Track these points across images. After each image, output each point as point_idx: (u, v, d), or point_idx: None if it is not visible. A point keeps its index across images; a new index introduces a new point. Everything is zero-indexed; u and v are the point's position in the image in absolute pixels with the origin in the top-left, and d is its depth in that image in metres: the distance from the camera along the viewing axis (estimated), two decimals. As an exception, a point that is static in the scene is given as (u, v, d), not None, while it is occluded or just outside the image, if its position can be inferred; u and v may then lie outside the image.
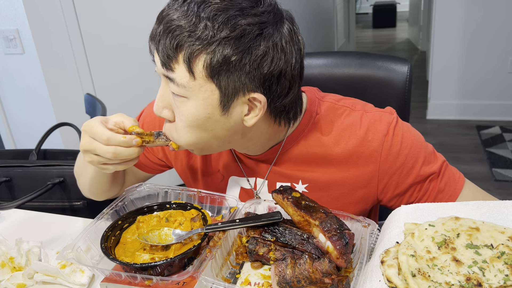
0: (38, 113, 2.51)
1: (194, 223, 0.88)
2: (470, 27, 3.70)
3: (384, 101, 1.01)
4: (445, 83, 3.96)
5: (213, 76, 0.74)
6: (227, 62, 0.73)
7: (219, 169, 1.03)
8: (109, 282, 0.78)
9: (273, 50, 0.75)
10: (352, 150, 0.90)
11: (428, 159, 0.91)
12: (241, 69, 0.74)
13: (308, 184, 0.95)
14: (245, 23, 0.72)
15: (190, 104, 0.78)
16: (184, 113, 0.79)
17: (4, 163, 1.47)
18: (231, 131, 0.82)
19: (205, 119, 0.79)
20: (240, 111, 0.80)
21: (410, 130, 0.92)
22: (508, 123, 3.80)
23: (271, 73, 0.76)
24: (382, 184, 0.91)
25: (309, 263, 0.74)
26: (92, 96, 2.05)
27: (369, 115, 0.92)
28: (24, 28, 2.28)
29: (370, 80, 1.26)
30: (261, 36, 0.73)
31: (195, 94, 0.76)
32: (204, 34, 0.71)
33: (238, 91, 0.76)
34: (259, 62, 0.74)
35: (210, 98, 0.76)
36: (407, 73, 1.22)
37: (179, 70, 0.75)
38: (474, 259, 0.65)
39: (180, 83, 0.75)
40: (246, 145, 0.91)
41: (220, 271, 0.80)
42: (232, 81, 0.75)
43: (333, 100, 0.95)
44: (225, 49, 0.72)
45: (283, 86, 0.79)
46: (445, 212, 0.77)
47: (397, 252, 0.68)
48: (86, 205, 1.46)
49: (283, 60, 0.76)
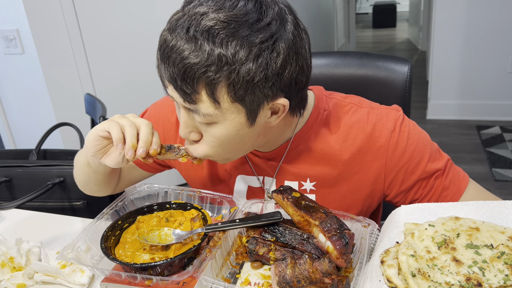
0: (38, 113, 2.51)
1: (194, 223, 0.88)
2: (470, 27, 3.70)
3: (385, 101, 1.01)
4: (445, 83, 3.96)
5: (238, 99, 0.74)
6: (249, 82, 0.72)
7: (225, 169, 1.03)
8: (109, 282, 0.78)
9: (289, 57, 0.74)
10: (359, 147, 0.91)
11: (433, 156, 0.91)
12: (263, 85, 0.73)
13: (316, 182, 0.95)
14: (258, 41, 0.70)
15: (220, 127, 0.78)
16: (214, 135, 0.80)
17: (4, 163, 1.47)
18: (257, 135, 0.84)
19: (235, 135, 0.80)
20: (264, 116, 0.81)
21: (416, 127, 0.93)
22: (508, 123, 3.80)
23: (290, 77, 0.76)
24: (388, 179, 0.92)
25: (309, 263, 0.74)
26: (92, 96, 2.05)
27: (376, 111, 0.92)
28: (24, 28, 2.28)
29: (370, 80, 1.26)
30: (275, 49, 0.72)
31: (223, 118, 0.76)
32: (221, 64, 0.69)
33: (262, 103, 0.77)
34: (278, 73, 0.74)
35: (237, 118, 0.77)
36: (408, 73, 1.22)
37: (202, 103, 0.74)
38: (474, 259, 0.65)
39: (205, 113, 0.75)
40: (261, 143, 0.92)
41: (220, 271, 0.80)
42: (256, 97, 0.75)
43: (340, 97, 0.96)
44: (245, 72, 0.70)
45: (301, 83, 0.80)
46: (445, 212, 0.77)
47: (397, 252, 0.68)
48: (86, 205, 1.46)
49: (299, 62, 0.77)
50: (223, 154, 0.85)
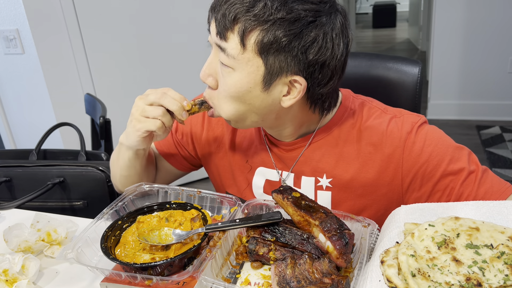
0: (38, 113, 2.51)
1: (194, 223, 0.88)
2: (470, 27, 3.70)
3: (394, 102, 1.02)
4: (445, 83, 3.96)
5: (262, 53, 0.78)
6: (277, 42, 0.77)
7: (247, 160, 1.05)
8: (109, 282, 0.78)
9: (322, 39, 0.78)
10: (377, 147, 0.91)
11: (456, 158, 0.87)
12: (289, 51, 0.78)
13: (332, 178, 0.96)
14: (301, 8, 0.76)
15: (235, 75, 0.82)
16: (228, 83, 0.84)
17: (4, 163, 1.47)
18: (267, 109, 0.87)
19: (246, 92, 0.83)
20: (280, 91, 0.84)
21: (437, 131, 0.92)
22: (508, 123, 3.80)
23: (316, 60, 0.79)
24: (406, 182, 0.91)
25: (309, 263, 0.74)
26: (92, 96, 2.05)
27: (399, 118, 0.93)
28: (24, 28, 2.28)
29: (380, 81, 1.26)
30: (313, 23, 0.77)
31: (242, 67, 0.81)
32: (261, 12, 0.75)
33: (282, 71, 0.80)
34: (307, 47, 0.78)
35: (254, 73, 0.81)
36: (418, 75, 1.22)
37: (232, 41, 0.79)
38: (474, 259, 0.65)
39: (230, 53, 0.80)
40: (278, 128, 0.95)
41: (220, 271, 0.80)
42: (278, 61, 0.79)
43: (368, 100, 0.98)
44: (278, 30, 0.76)
45: (325, 75, 0.82)
46: (445, 212, 0.77)
47: (397, 252, 0.68)
48: (86, 205, 1.46)
49: (330, 51, 0.80)
50: (231, 109, 0.87)
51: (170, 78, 2.74)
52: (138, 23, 2.57)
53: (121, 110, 2.66)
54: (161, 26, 2.62)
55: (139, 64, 2.64)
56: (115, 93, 2.62)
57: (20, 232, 0.94)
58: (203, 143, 1.10)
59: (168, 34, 2.66)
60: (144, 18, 2.58)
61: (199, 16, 2.68)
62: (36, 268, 0.88)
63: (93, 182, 1.42)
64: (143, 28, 2.59)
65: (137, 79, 2.66)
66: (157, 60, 2.68)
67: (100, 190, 1.43)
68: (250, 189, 1.05)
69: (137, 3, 2.54)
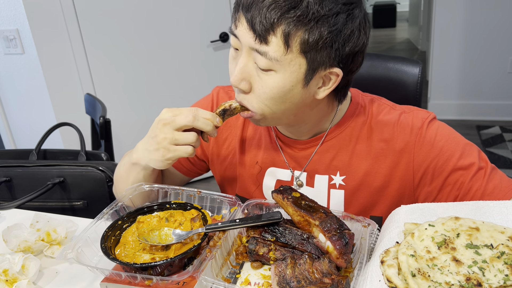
0: (38, 113, 2.51)
1: (194, 223, 0.88)
2: (470, 27, 3.70)
3: (395, 102, 1.02)
4: (445, 83, 3.96)
5: (306, 52, 0.77)
6: (322, 39, 0.76)
7: (257, 161, 1.04)
8: (109, 282, 0.78)
9: (357, 30, 0.79)
10: (389, 143, 0.92)
11: (467, 154, 0.88)
12: (330, 47, 0.78)
13: (345, 176, 0.96)
14: (341, 2, 0.76)
15: (277, 77, 0.80)
16: (269, 85, 0.81)
17: (4, 163, 1.47)
18: (303, 103, 0.86)
19: (288, 91, 0.82)
20: (316, 84, 0.84)
21: (448, 127, 0.93)
22: (508, 123, 3.80)
23: (352, 50, 0.80)
24: (417, 177, 0.91)
25: (309, 263, 0.74)
26: (92, 96, 2.05)
27: (408, 114, 0.94)
28: (24, 28, 2.28)
29: (381, 81, 1.27)
30: (349, 16, 0.78)
31: (284, 67, 0.79)
32: (306, 11, 0.74)
33: (322, 66, 0.80)
34: (345, 40, 0.79)
35: (297, 72, 0.80)
36: (419, 75, 1.23)
37: (273, 44, 0.76)
38: (474, 259, 0.65)
39: (272, 56, 0.77)
40: (298, 125, 0.94)
41: (220, 271, 0.80)
42: (320, 57, 0.79)
43: (377, 98, 1.00)
44: (322, 27, 0.75)
45: (357, 62, 0.84)
46: (445, 212, 0.77)
47: (397, 252, 0.68)
48: (86, 205, 1.46)
49: (363, 39, 0.82)
50: (270, 110, 0.85)
51: (170, 78, 2.74)
52: (138, 23, 2.57)
53: (121, 110, 2.67)
54: (161, 26, 2.62)
55: (139, 64, 2.64)
56: (115, 93, 2.62)
57: (19, 232, 0.94)
58: (211, 147, 1.09)
59: (168, 34, 2.65)
60: (144, 18, 2.58)
61: (200, 16, 2.68)
62: (36, 268, 0.88)
63: (93, 182, 1.42)
64: (143, 28, 2.59)
65: (137, 79, 2.66)
66: (157, 60, 2.68)
67: (100, 190, 1.43)
68: (261, 190, 1.05)
69: (137, 3, 2.54)
